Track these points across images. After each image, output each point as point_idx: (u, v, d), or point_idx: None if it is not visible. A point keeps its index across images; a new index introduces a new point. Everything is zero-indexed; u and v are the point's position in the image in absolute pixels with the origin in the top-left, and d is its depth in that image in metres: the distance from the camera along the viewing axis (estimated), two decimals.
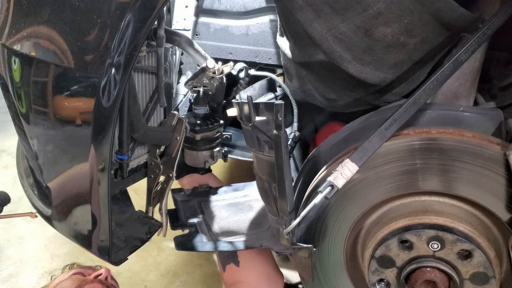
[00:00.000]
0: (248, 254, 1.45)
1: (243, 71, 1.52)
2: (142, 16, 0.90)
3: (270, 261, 1.48)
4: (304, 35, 1.00)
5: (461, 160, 0.96)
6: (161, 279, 2.11)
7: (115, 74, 0.92)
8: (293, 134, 1.44)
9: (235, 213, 1.50)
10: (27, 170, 1.40)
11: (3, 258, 2.25)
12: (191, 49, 1.26)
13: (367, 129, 1.07)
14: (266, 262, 1.46)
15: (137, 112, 1.13)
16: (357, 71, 1.00)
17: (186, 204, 1.56)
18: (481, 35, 0.89)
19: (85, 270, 1.49)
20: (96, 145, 0.98)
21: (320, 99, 1.21)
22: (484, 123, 0.99)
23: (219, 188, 1.64)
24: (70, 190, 1.09)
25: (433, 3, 0.85)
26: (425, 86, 0.93)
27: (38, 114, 1.05)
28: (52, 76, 0.98)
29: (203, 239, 1.42)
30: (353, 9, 0.90)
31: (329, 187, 0.94)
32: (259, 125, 0.99)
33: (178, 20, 1.57)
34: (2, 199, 1.53)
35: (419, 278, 1.03)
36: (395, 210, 1.09)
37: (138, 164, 1.29)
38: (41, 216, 1.33)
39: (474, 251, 0.98)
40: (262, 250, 1.48)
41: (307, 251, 1.12)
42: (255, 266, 1.44)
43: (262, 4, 1.55)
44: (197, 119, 1.45)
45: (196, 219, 1.50)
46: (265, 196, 1.16)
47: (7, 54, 1.07)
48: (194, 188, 1.62)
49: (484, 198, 0.97)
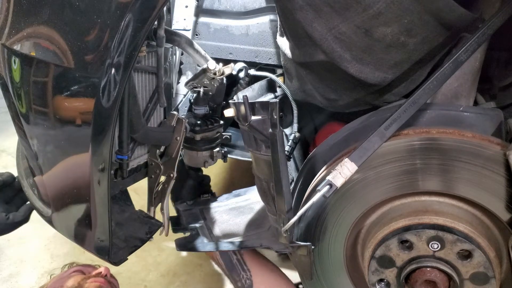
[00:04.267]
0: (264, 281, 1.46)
1: (243, 71, 1.52)
2: (142, 16, 0.90)
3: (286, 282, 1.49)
4: (304, 35, 1.00)
5: (461, 160, 0.96)
6: (161, 279, 2.11)
7: (115, 74, 0.92)
8: (293, 135, 1.44)
9: (236, 216, 1.51)
10: (27, 170, 1.40)
11: (3, 258, 2.25)
12: (191, 49, 1.26)
13: (367, 129, 1.07)
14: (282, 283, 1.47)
15: (137, 112, 1.13)
16: (357, 71, 1.00)
17: (188, 212, 1.57)
18: (481, 35, 0.89)
19: (85, 268, 1.49)
20: (96, 145, 0.98)
21: (320, 99, 1.21)
22: (484, 123, 0.99)
23: (220, 196, 1.65)
24: (70, 190, 1.09)
25: (433, 3, 0.85)
26: (425, 86, 0.93)
27: (38, 114, 1.05)
28: (52, 76, 0.98)
29: (204, 240, 1.43)
30: (353, 9, 0.90)
31: (328, 186, 0.94)
32: (255, 124, 1.00)
33: (178, 20, 1.57)
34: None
35: (419, 278, 1.03)
36: (395, 210, 1.09)
37: (138, 164, 1.29)
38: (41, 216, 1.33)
39: (474, 251, 0.98)
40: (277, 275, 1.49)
41: (306, 249, 1.12)
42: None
43: (262, 4, 1.54)
44: (197, 119, 1.45)
45: (198, 223, 1.51)
46: (264, 196, 1.17)
47: (7, 54, 1.07)
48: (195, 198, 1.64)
49: (484, 198, 0.97)
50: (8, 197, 1.46)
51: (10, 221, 1.39)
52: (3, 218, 1.38)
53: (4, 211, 1.41)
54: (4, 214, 1.39)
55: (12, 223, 1.40)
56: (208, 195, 1.67)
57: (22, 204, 1.47)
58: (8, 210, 1.43)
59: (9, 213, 1.40)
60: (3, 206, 1.42)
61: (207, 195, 1.66)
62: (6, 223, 1.39)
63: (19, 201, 1.47)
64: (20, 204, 1.47)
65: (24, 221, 1.44)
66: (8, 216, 1.39)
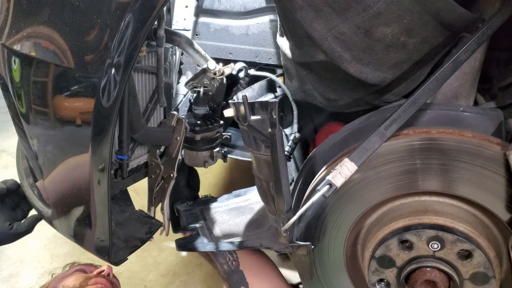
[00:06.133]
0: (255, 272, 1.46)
1: (243, 71, 1.52)
2: (142, 16, 0.90)
3: (277, 274, 1.49)
4: (304, 35, 1.00)
5: (461, 160, 0.96)
6: (161, 279, 2.12)
7: (115, 74, 0.92)
8: (293, 135, 1.44)
9: (236, 216, 1.51)
10: (27, 170, 1.40)
11: (3, 258, 2.25)
12: (191, 49, 1.26)
13: (367, 129, 1.07)
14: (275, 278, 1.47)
15: (137, 112, 1.13)
16: (357, 71, 1.00)
17: (188, 213, 1.57)
18: (481, 35, 0.89)
19: (87, 267, 1.49)
20: (96, 145, 0.98)
21: (320, 99, 1.21)
22: (484, 123, 0.99)
23: (220, 196, 1.65)
24: (70, 190, 1.09)
25: (433, 3, 0.85)
26: (425, 86, 0.93)
27: (38, 114, 1.05)
28: (52, 76, 0.98)
29: (204, 240, 1.43)
30: (353, 9, 0.90)
31: (327, 186, 0.94)
32: (254, 124, 1.00)
33: (178, 20, 1.57)
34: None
35: (419, 278, 1.03)
36: (395, 210, 1.09)
37: (138, 164, 1.29)
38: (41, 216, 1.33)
39: (474, 251, 0.98)
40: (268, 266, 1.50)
41: (306, 249, 1.12)
42: (264, 282, 1.45)
43: (262, 4, 1.54)
44: (197, 119, 1.45)
45: (198, 224, 1.51)
46: (263, 196, 1.17)
47: (7, 54, 1.07)
48: (196, 199, 1.65)
49: (484, 198, 0.97)
50: (14, 204, 1.45)
51: (13, 231, 1.39)
52: (6, 228, 1.37)
53: (9, 219, 1.40)
54: (8, 223, 1.38)
55: (15, 233, 1.40)
56: (208, 195, 1.67)
57: (29, 209, 1.46)
58: (14, 218, 1.43)
59: (14, 222, 1.40)
60: (8, 214, 1.41)
61: (207, 195, 1.67)
62: (9, 233, 1.38)
63: (25, 206, 1.47)
64: (26, 209, 1.47)
65: (28, 232, 1.44)
66: (12, 225, 1.39)
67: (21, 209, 1.46)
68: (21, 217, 1.45)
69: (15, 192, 1.44)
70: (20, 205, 1.46)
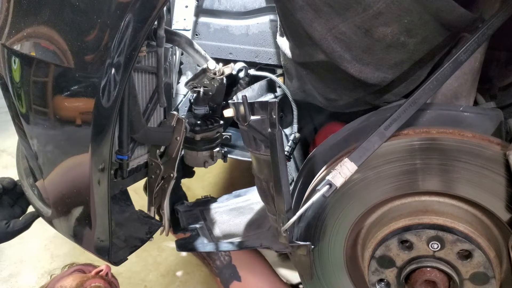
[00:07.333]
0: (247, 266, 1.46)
1: (243, 71, 1.52)
2: (142, 16, 0.90)
3: (271, 270, 1.49)
4: (304, 35, 1.00)
5: (461, 160, 0.96)
6: (161, 279, 2.12)
7: (115, 74, 0.92)
8: (293, 135, 1.44)
9: (236, 216, 1.51)
10: (27, 170, 1.40)
11: (3, 258, 2.25)
12: (191, 49, 1.26)
13: (367, 129, 1.07)
14: (267, 272, 1.47)
15: (137, 113, 1.12)
16: (357, 71, 1.00)
17: (188, 213, 1.57)
18: (481, 35, 0.89)
19: (85, 267, 1.49)
20: (96, 145, 0.98)
21: (320, 99, 1.22)
22: (484, 123, 0.99)
23: (220, 197, 1.65)
24: (70, 190, 1.09)
25: (433, 3, 0.85)
26: (425, 86, 0.93)
27: (38, 114, 1.05)
28: (52, 76, 0.98)
29: (204, 241, 1.43)
30: (353, 9, 0.90)
31: (327, 186, 0.94)
32: (254, 124, 1.00)
33: (178, 20, 1.57)
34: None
35: (419, 278, 1.03)
36: (395, 210, 1.09)
37: (138, 164, 1.29)
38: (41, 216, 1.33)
39: (474, 251, 0.98)
40: (260, 261, 1.50)
41: (306, 249, 1.12)
42: (257, 276, 1.45)
43: (262, 4, 1.54)
44: (197, 119, 1.45)
45: (198, 224, 1.51)
46: (263, 196, 1.17)
47: (7, 54, 1.07)
48: (196, 199, 1.65)
49: (484, 198, 0.97)
50: (12, 201, 1.46)
51: (10, 229, 1.39)
52: (3, 226, 1.38)
53: (6, 217, 1.40)
54: (4, 222, 1.39)
55: (11, 231, 1.40)
56: (208, 195, 1.67)
57: (27, 206, 1.47)
58: (11, 215, 1.43)
59: (11, 220, 1.40)
60: (5, 212, 1.42)
61: (207, 196, 1.66)
62: (6, 231, 1.39)
63: (23, 203, 1.47)
64: (25, 206, 1.47)
65: (25, 229, 1.44)
66: (9, 224, 1.39)
67: (19, 206, 1.47)
68: (19, 215, 1.46)
69: (12, 190, 1.45)
70: (18, 202, 1.47)
